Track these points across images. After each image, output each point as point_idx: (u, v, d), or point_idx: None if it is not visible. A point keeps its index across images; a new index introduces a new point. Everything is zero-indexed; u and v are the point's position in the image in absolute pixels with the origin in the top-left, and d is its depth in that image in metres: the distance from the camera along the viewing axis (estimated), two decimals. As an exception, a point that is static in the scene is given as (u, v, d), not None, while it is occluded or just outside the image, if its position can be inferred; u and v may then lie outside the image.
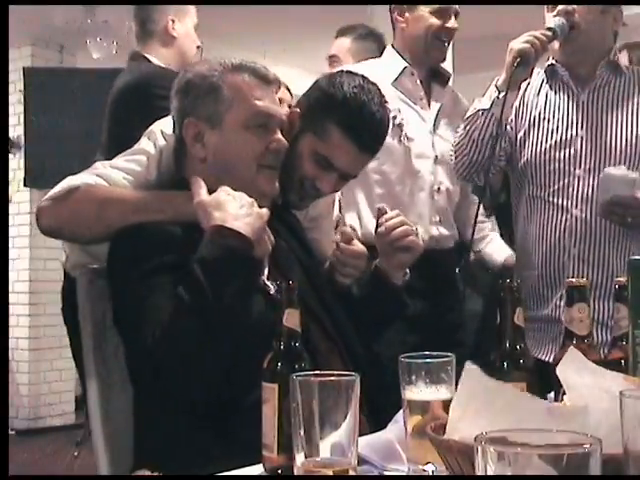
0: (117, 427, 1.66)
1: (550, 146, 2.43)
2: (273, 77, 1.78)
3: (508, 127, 2.45)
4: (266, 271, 1.67)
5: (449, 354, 1.23)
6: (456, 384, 1.20)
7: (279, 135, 1.73)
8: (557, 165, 2.42)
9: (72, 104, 5.12)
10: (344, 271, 1.93)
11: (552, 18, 2.36)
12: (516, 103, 2.43)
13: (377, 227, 1.89)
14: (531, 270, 2.46)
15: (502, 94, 2.28)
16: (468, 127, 2.40)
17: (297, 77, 4.44)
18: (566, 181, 2.40)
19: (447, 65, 4.08)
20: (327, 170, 1.88)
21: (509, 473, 0.64)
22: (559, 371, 1.11)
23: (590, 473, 0.64)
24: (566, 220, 2.39)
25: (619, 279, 1.46)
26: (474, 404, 0.99)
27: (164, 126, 1.84)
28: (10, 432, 5.67)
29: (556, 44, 2.40)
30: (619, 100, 2.43)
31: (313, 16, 5.99)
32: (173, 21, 3.08)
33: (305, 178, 1.89)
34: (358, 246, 1.95)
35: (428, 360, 1.21)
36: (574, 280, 1.44)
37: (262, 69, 1.77)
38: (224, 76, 1.72)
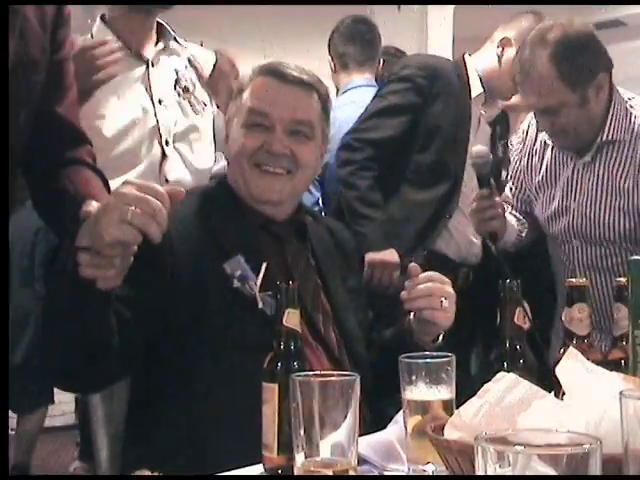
0: (118, 428, 1.66)
1: (550, 214, 2.40)
2: (293, 74, 1.72)
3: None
4: (258, 282, 1.58)
5: (449, 354, 1.23)
6: (456, 384, 1.21)
7: (277, 136, 1.67)
8: (557, 232, 2.40)
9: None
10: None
11: (474, 161, 2.21)
12: (524, 163, 2.47)
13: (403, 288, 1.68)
14: None
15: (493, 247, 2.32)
16: None
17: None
18: (566, 249, 2.39)
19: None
20: None
21: (509, 473, 0.64)
22: (559, 371, 1.11)
23: (590, 473, 0.64)
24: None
25: (619, 279, 1.46)
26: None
27: None
28: (10, 432, 5.67)
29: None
30: (614, 174, 2.28)
31: (314, 15, 5.98)
32: None
33: None
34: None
35: (428, 360, 1.21)
36: (574, 280, 1.44)
37: (284, 68, 1.74)
38: (250, 79, 1.75)
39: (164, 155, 2.21)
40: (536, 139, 2.45)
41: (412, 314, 1.67)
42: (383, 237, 2.61)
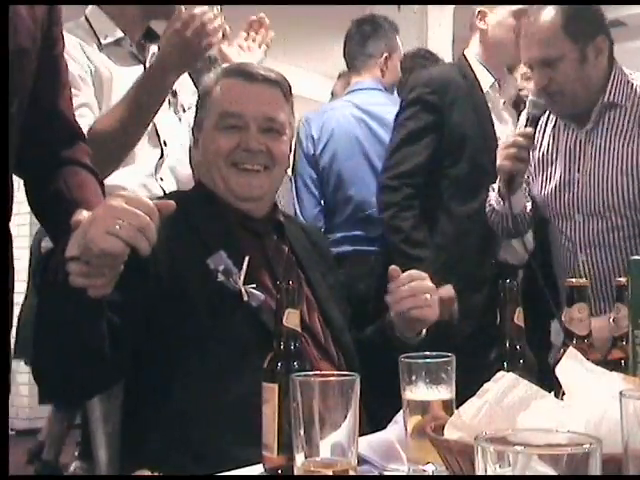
0: (116, 427, 1.66)
1: (552, 189, 2.36)
2: (260, 73, 1.77)
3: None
4: (242, 275, 1.61)
5: (449, 354, 1.23)
6: (456, 384, 1.21)
7: (252, 134, 1.71)
8: (559, 209, 2.35)
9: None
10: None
11: (529, 101, 2.32)
12: None
13: (386, 292, 1.69)
14: None
15: (506, 202, 2.32)
16: (492, 217, 2.49)
17: (297, 76, 4.43)
18: (568, 225, 2.34)
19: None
20: None
21: (509, 473, 0.64)
22: (558, 371, 1.11)
23: (590, 473, 0.64)
24: (574, 262, 2.32)
25: (619, 279, 1.46)
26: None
27: None
28: (10, 432, 5.67)
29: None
30: (617, 138, 2.28)
31: (314, 15, 5.99)
32: None
33: None
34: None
35: (428, 360, 1.21)
36: (574, 280, 1.44)
37: (250, 68, 1.80)
38: (216, 82, 1.78)
39: (162, 155, 2.22)
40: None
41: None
42: (443, 267, 2.61)
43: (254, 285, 1.60)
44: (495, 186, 2.41)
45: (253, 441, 1.25)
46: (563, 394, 1.10)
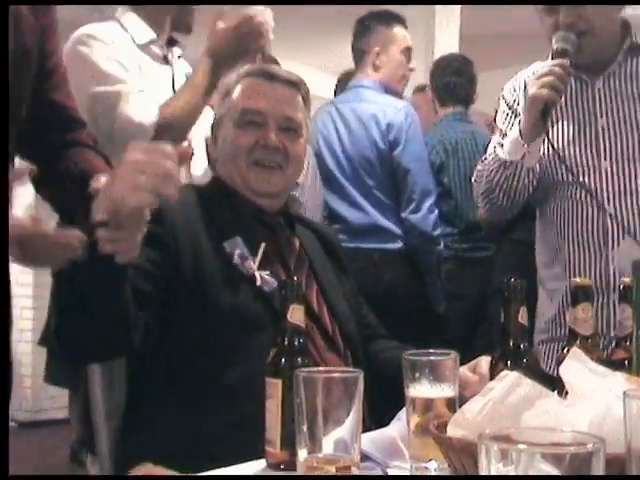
0: (120, 421, 1.66)
1: (570, 142, 2.17)
2: (281, 74, 1.83)
3: None
4: (257, 261, 1.65)
5: (453, 351, 1.23)
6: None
7: (270, 131, 1.76)
8: (581, 160, 2.14)
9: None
10: None
11: (558, 34, 2.08)
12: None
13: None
14: (561, 281, 2.15)
15: (531, 144, 2.08)
16: (495, 177, 2.17)
17: (310, 75, 4.43)
18: (594, 177, 2.13)
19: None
20: None
21: (512, 472, 0.64)
22: (562, 371, 1.11)
23: (593, 473, 0.64)
24: (600, 217, 2.11)
25: (624, 279, 1.46)
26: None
27: None
28: (11, 423, 5.68)
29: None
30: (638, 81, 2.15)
31: (326, 15, 5.99)
32: None
33: None
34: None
35: (432, 357, 1.21)
36: (579, 280, 1.44)
37: (272, 69, 1.86)
38: (237, 81, 1.83)
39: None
40: None
41: None
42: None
43: (268, 272, 1.65)
44: (504, 140, 2.18)
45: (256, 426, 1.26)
46: (566, 393, 1.10)
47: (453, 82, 3.91)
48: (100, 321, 1.42)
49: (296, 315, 1.27)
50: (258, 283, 1.63)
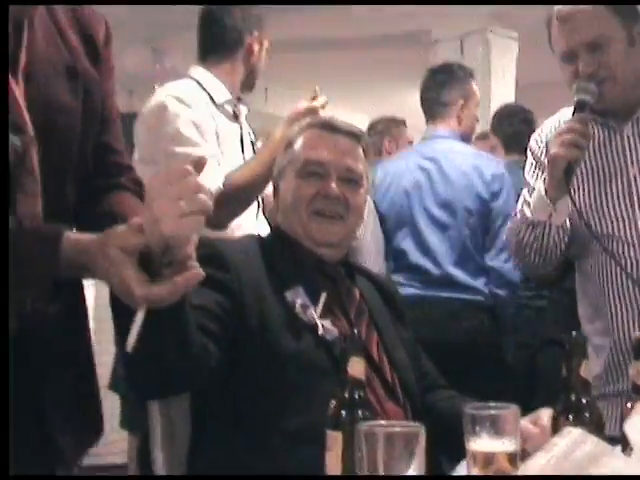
0: (175, 430, 1.68)
1: (601, 193, 2.10)
2: (343, 126, 1.87)
3: None
4: (318, 310, 1.68)
5: (513, 405, 1.22)
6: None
7: (331, 182, 1.79)
8: (613, 213, 2.08)
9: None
10: None
11: (577, 85, 2.02)
12: None
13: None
14: (605, 337, 2.09)
15: (557, 202, 2.02)
16: (525, 236, 2.11)
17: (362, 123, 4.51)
18: (629, 229, 2.06)
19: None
20: None
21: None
22: (627, 427, 1.10)
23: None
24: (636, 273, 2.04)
25: (638, 334, 1.41)
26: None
27: None
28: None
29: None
30: None
31: (365, 63, 6.04)
32: None
33: None
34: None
35: (493, 411, 1.20)
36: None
37: (333, 121, 1.90)
38: (300, 133, 1.89)
39: (259, 204, 2.63)
40: None
41: None
42: None
43: (330, 320, 1.67)
44: (530, 198, 2.12)
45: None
46: (631, 450, 1.09)
47: (521, 131, 3.97)
48: (171, 359, 1.39)
49: (356, 368, 1.27)
50: (320, 332, 1.65)
